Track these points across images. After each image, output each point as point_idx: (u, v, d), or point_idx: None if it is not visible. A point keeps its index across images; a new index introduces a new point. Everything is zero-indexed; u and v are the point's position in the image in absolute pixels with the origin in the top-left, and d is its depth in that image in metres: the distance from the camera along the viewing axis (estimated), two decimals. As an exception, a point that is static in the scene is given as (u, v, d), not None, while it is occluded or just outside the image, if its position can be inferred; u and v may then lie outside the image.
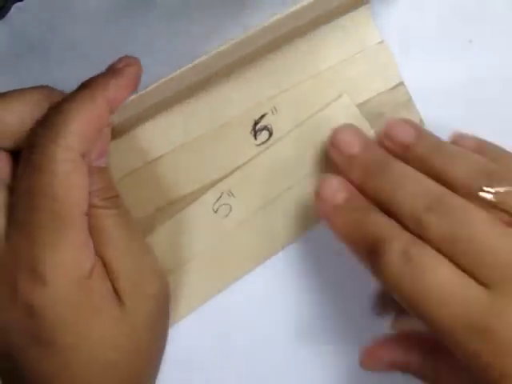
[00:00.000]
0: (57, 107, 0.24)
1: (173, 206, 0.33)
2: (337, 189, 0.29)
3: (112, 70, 0.26)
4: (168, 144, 0.33)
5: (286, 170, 0.33)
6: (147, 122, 0.32)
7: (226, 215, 0.33)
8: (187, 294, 0.33)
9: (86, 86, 0.26)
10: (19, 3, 0.31)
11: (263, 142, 0.33)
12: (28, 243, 0.23)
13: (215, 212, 0.33)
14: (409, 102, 0.34)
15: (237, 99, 0.33)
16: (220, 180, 0.33)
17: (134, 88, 0.27)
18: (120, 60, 0.27)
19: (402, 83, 0.34)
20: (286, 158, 0.33)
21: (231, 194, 0.33)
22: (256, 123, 0.33)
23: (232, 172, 0.33)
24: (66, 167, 0.23)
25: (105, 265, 0.25)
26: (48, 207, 0.23)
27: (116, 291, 0.25)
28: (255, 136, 0.33)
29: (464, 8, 0.34)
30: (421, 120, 0.34)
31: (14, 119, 0.25)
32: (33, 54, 0.32)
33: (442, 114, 0.34)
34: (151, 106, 0.31)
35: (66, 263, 0.23)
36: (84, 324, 0.23)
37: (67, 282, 0.23)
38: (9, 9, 0.31)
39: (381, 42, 0.33)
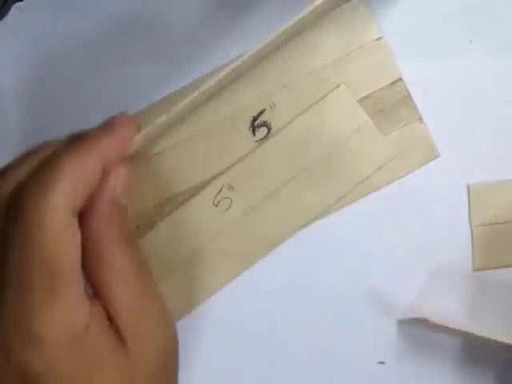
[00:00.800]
0: (47, 161, 0.23)
1: (172, 202, 0.33)
2: None
3: (106, 128, 0.25)
4: (167, 140, 0.33)
5: (284, 164, 0.34)
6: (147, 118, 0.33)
7: (227, 209, 0.34)
8: (188, 292, 0.34)
9: (77, 140, 0.24)
10: (19, 3, 0.31)
11: (262, 139, 0.34)
12: (21, 304, 0.22)
13: (216, 206, 0.34)
14: (408, 99, 0.33)
15: (235, 95, 0.33)
16: (220, 174, 0.33)
17: (126, 149, 0.26)
18: (115, 119, 0.26)
19: (400, 79, 0.33)
20: (285, 151, 0.33)
21: (231, 187, 0.34)
22: (254, 119, 0.33)
23: (231, 167, 0.34)
24: (56, 225, 0.22)
25: (108, 309, 0.24)
26: (40, 267, 0.22)
27: (119, 336, 0.24)
28: (254, 132, 0.34)
29: (464, 8, 0.33)
30: (420, 117, 0.33)
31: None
32: (33, 53, 0.32)
33: (441, 112, 0.33)
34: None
35: (60, 323, 0.22)
36: (84, 381, 0.23)
37: (62, 342, 0.22)
38: (9, 9, 0.31)
39: (379, 39, 0.33)
